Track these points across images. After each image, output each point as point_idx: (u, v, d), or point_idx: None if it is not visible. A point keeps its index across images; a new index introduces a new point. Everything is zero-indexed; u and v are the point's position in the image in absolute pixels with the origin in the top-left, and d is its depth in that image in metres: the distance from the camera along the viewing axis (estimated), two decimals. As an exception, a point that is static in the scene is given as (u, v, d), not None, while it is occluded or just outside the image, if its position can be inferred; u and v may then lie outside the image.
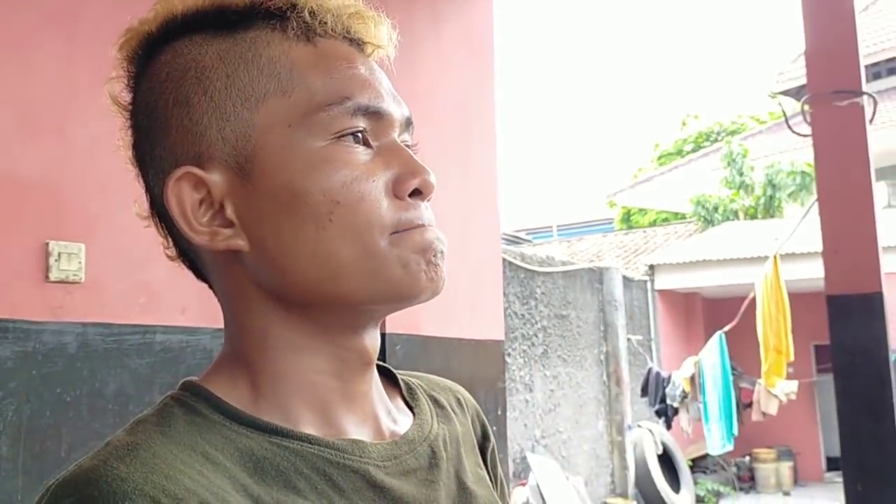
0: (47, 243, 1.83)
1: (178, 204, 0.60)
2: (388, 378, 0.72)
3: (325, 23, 0.62)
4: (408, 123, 0.65)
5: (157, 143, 0.62)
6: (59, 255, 1.84)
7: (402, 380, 0.73)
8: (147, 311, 2.00)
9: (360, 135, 0.60)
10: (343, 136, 0.59)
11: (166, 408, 0.60)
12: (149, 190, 0.64)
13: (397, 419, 0.68)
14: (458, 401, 0.78)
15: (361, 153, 0.60)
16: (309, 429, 0.61)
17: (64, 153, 1.91)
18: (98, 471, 0.51)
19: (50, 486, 0.51)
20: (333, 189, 0.58)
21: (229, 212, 0.60)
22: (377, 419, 0.66)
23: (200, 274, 0.67)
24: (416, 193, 0.61)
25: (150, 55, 0.63)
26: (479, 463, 0.75)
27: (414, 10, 2.90)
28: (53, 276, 1.82)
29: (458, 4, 3.12)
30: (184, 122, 0.60)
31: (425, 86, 2.88)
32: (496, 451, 0.78)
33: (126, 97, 0.64)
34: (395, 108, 0.63)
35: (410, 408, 0.71)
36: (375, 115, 0.61)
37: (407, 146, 0.64)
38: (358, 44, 0.64)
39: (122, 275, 1.97)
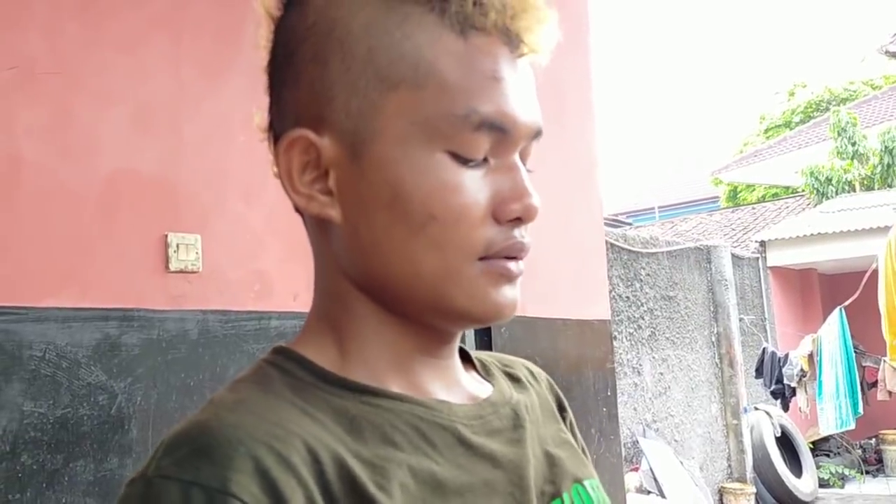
0: (166, 235, 1.91)
1: (286, 162, 0.61)
2: (462, 357, 0.73)
3: (486, 16, 0.58)
4: (536, 135, 0.63)
5: (286, 86, 0.62)
6: (178, 246, 1.91)
7: (476, 357, 0.74)
8: (261, 298, 2.07)
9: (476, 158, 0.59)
10: (457, 156, 0.58)
11: (261, 370, 0.61)
12: (270, 112, 0.65)
13: (477, 388, 0.69)
14: (532, 373, 0.79)
15: (473, 170, 0.59)
16: (396, 390, 0.62)
17: (177, 149, 1.99)
18: (210, 422, 0.53)
19: (163, 440, 0.53)
20: (434, 202, 0.58)
21: (331, 181, 0.60)
22: (460, 385, 0.67)
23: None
24: (517, 219, 0.60)
25: None
26: (562, 429, 0.75)
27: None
28: (173, 266, 1.90)
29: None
30: (315, 82, 0.60)
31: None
32: (574, 424, 0.79)
33: (276, 11, 0.63)
34: (526, 121, 0.60)
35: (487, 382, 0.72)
36: (500, 130, 0.59)
37: (525, 157, 0.63)
38: (514, 42, 0.60)
39: (237, 263, 2.04)
